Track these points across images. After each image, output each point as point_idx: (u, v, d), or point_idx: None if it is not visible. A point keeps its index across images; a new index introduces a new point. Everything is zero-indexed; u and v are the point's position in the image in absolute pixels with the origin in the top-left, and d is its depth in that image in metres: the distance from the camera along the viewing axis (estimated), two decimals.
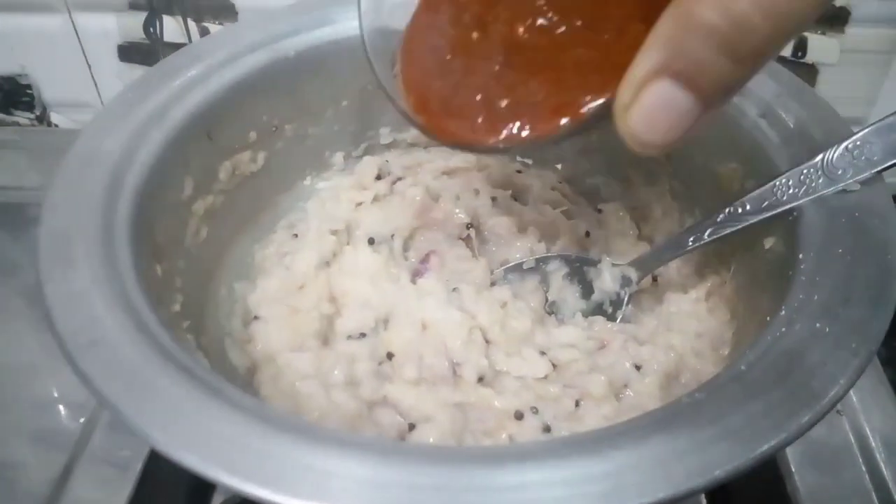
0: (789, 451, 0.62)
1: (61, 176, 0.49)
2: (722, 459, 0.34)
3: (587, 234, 0.67)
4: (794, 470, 0.61)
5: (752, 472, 0.60)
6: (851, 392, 0.65)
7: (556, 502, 0.32)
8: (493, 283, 0.62)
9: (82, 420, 0.65)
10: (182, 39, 0.88)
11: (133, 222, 0.48)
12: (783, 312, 0.42)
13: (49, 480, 0.61)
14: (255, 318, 0.60)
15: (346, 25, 0.63)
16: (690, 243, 0.55)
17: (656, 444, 0.34)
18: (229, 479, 0.33)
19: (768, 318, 0.43)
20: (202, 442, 0.35)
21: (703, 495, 0.62)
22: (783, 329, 0.40)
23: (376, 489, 0.33)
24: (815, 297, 0.42)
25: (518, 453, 0.35)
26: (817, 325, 0.40)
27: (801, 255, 0.45)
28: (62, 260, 0.43)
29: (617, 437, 0.35)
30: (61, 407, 0.68)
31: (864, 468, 0.61)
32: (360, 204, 0.68)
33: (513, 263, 0.63)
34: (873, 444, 0.63)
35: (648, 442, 0.35)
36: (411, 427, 0.51)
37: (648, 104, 0.32)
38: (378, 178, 0.70)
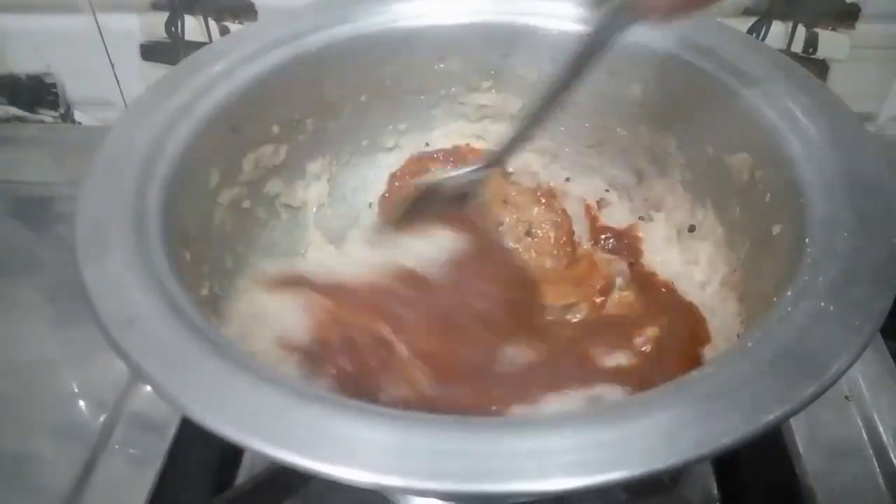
0: (798, 434, 0.63)
1: (96, 166, 0.50)
2: (728, 429, 0.35)
3: None
4: (801, 452, 0.62)
5: (760, 455, 0.62)
6: (861, 380, 0.67)
7: (572, 466, 0.34)
8: None
9: (103, 417, 0.66)
10: (203, 38, 0.90)
11: (163, 211, 0.50)
12: (789, 293, 0.43)
13: (70, 474, 0.62)
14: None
15: (366, 22, 0.65)
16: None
17: (666, 415, 0.36)
18: (262, 446, 0.35)
19: (775, 300, 0.44)
20: (236, 413, 0.36)
21: (713, 474, 0.63)
22: (789, 309, 0.41)
23: (401, 454, 0.34)
24: (820, 278, 0.43)
25: (536, 423, 0.37)
26: (822, 304, 0.41)
27: (807, 240, 0.46)
28: (98, 245, 0.45)
29: (628, 409, 0.36)
30: (82, 402, 0.69)
31: (871, 452, 0.63)
32: None
33: None
34: (881, 428, 0.64)
35: (658, 413, 0.36)
36: None
37: None
38: None
